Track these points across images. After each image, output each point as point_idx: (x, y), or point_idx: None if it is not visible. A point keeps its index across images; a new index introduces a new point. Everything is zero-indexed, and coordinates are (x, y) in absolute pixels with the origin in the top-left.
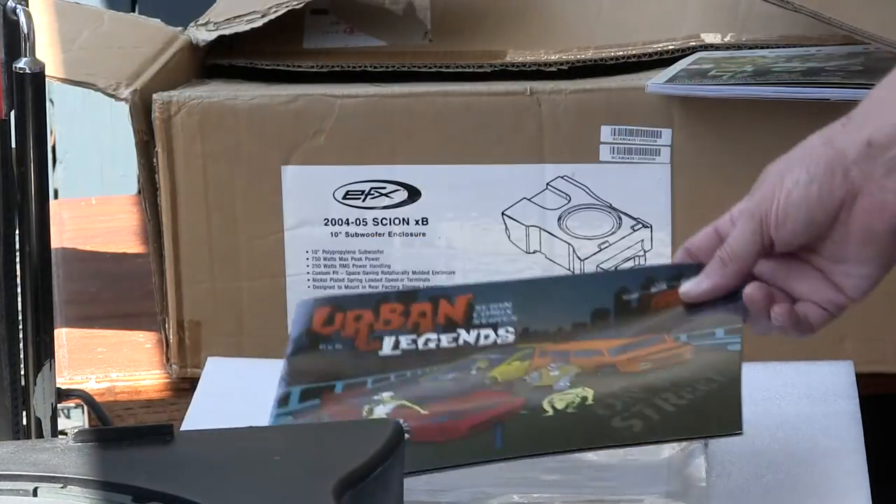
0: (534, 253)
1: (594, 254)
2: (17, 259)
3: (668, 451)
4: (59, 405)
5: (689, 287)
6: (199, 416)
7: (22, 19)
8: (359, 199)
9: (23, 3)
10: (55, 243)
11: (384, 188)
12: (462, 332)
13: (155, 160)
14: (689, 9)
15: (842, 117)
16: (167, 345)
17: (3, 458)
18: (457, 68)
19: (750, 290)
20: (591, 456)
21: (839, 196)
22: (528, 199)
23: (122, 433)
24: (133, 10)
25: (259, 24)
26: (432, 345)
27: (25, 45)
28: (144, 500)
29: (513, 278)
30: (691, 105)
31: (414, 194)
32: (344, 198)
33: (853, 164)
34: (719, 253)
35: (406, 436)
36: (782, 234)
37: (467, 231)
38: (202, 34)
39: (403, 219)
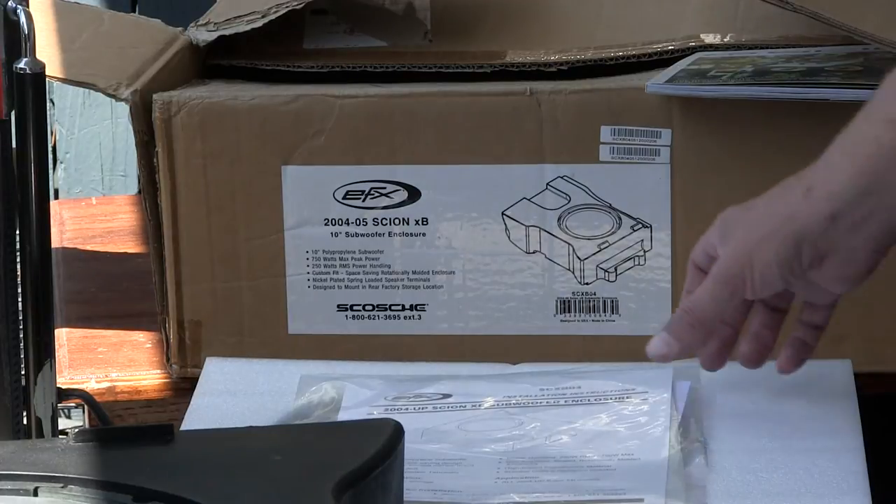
0: (534, 253)
1: (594, 254)
2: (18, 259)
3: (667, 450)
4: (59, 405)
5: (658, 348)
6: (199, 416)
7: (22, 19)
8: (359, 199)
9: (23, 3)
10: (55, 243)
11: (384, 188)
12: None
13: (155, 160)
14: (689, 9)
15: (800, 178)
16: (167, 345)
17: (3, 457)
18: (457, 68)
19: (745, 349)
20: (590, 455)
21: (809, 262)
22: (528, 199)
23: (122, 433)
24: (133, 10)
25: (259, 24)
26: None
27: (26, 45)
28: (145, 499)
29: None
30: (691, 105)
31: (414, 194)
32: (344, 198)
33: (819, 237)
34: (687, 316)
35: None
36: (757, 297)
37: (467, 231)
38: (202, 34)
39: (403, 219)
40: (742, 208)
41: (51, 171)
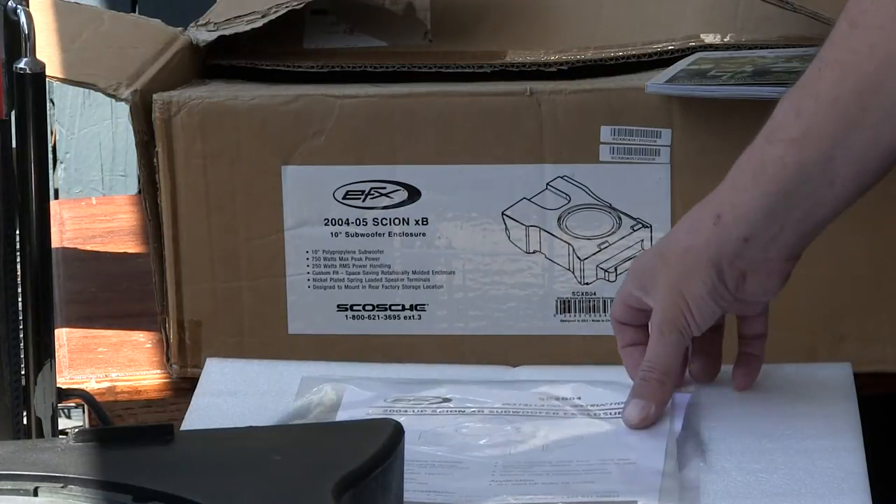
0: (534, 253)
1: (594, 254)
2: (18, 259)
3: (664, 455)
4: (59, 405)
5: (636, 415)
6: (199, 416)
7: (22, 19)
8: (359, 199)
9: (23, 3)
10: (55, 243)
11: (384, 188)
12: None
13: (155, 160)
14: (689, 9)
15: (707, 206)
16: (167, 345)
17: (3, 457)
18: (457, 68)
19: (696, 367)
20: (587, 459)
21: (732, 283)
22: (528, 199)
23: (122, 433)
24: (133, 10)
25: (259, 24)
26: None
27: (26, 45)
28: (144, 500)
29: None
30: (691, 105)
31: (414, 194)
32: (344, 198)
33: (736, 257)
34: (652, 375)
35: None
36: (701, 332)
37: (467, 231)
38: (202, 34)
39: (403, 219)
40: (653, 254)
41: (51, 171)
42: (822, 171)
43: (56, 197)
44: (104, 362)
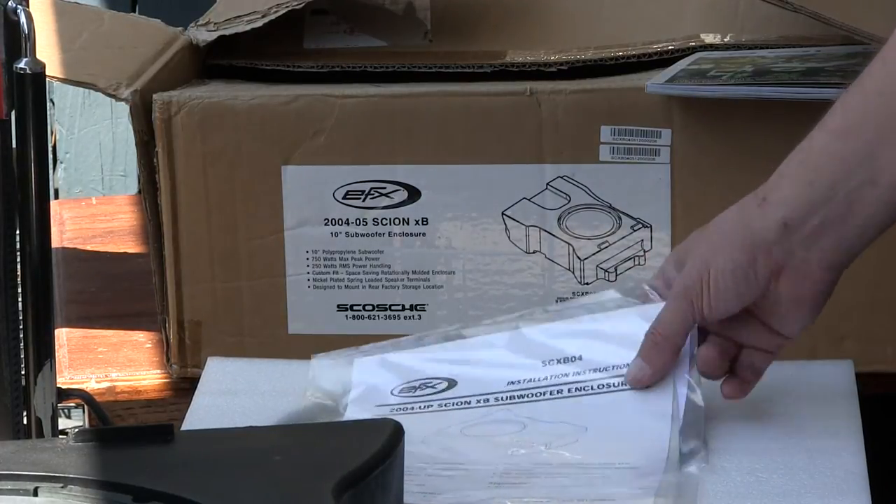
0: (534, 253)
1: (594, 254)
2: (18, 259)
3: (666, 453)
4: (59, 405)
5: (634, 375)
6: (199, 416)
7: (22, 19)
8: (359, 199)
9: (23, 3)
10: (55, 243)
11: (384, 188)
12: None
13: (155, 160)
14: (689, 9)
15: (756, 192)
16: (167, 345)
17: (3, 457)
18: (457, 68)
19: (705, 351)
20: (589, 462)
21: (764, 275)
22: (528, 199)
23: (122, 433)
24: (133, 10)
25: (259, 24)
26: None
27: (26, 45)
28: (144, 500)
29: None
30: (691, 105)
31: (414, 194)
32: (344, 198)
33: (773, 245)
34: (652, 336)
35: None
36: (715, 314)
37: (467, 231)
38: (202, 34)
39: (403, 219)
40: (698, 232)
41: (51, 171)
42: (865, 166)
43: (56, 197)
44: (104, 362)
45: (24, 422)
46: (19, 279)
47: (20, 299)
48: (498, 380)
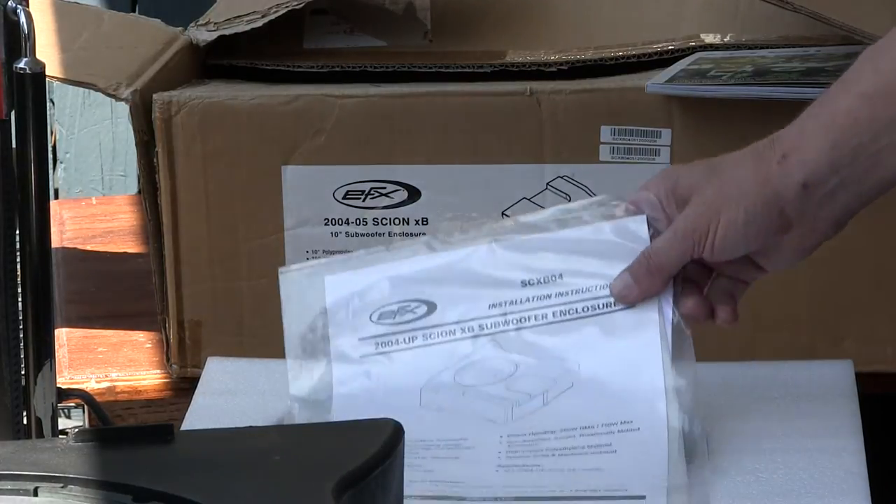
0: None
1: None
2: (18, 259)
3: (666, 449)
4: (59, 405)
5: (621, 291)
6: (199, 416)
7: (22, 19)
8: (359, 199)
9: (23, 3)
10: (55, 243)
11: (384, 188)
12: None
13: (155, 160)
14: (689, 9)
15: (774, 143)
16: (167, 345)
17: (3, 457)
18: (457, 68)
19: (688, 306)
20: (590, 426)
21: (774, 230)
22: (528, 199)
23: (122, 433)
24: (133, 10)
25: (259, 24)
26: None
27: (26, 45)
28: (144, 500)
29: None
30: (691, 105)
31: (414, 194)
32: (344, 198)
33: (789, 204)
34: (647, 262)
35: None
36: (716, 258)
37: None
38: (202, 34)
39: (403, 219)
40: (701, 165)
41: (51, 171)
42: (891, 131)
43: (56, 197)
44: (104, 362)
45: (24, 422)
46: (19, 279)
47: (20, 299)
48: (479, 303)
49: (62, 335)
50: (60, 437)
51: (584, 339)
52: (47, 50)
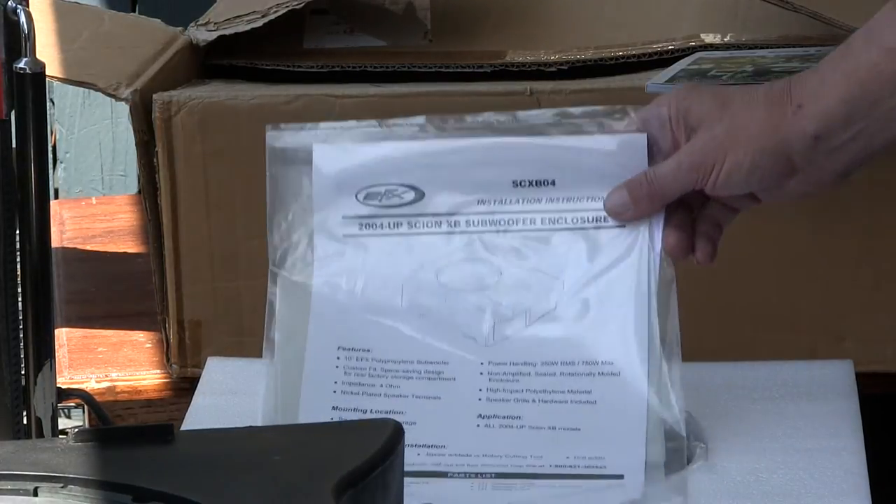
0: None
1: None
2: (18, 259)
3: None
4: (59, 405)
5: (615, 207)
6: (199, 416)
7: (22, 19)
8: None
9: (23, 3)
10: (55, 243)
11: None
12: None
13: (155, 160)
14: (689, 9)
15: (791, 89)
16: (167, 345)
17: (3, 457)
18: (457, 68)
19: (671, 241)
20: (570, 367)
21: (778, 175)
22: None
23: (122, 433)
24: (133, 10)
25: (259, 24)
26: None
27: (26, 45)
28: (144, 500)
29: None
30: None
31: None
32: None
33: (797, 153)
34: (648, 186)
35: None
36: (718, 194)
37: None
38: (202, 34)
39: None
40: (709, 94)
41: (51, 171)
42: None
43: (56, 197)
44: (104, 362)
45: (24, 422)
46: (19, 279)
47: (20, 299)
48: (468, 197)
49: (62, 335)
50: (60, 437)
51: (570, 255)
52: (47, 50)
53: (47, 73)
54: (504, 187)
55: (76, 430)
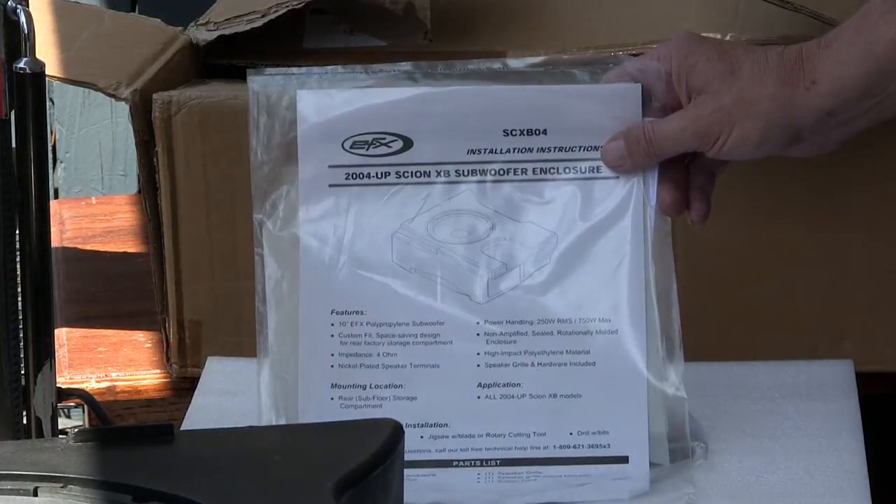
0: None
1: None
2: (18, 259)
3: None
4: (59, 405)
5: (612, 160)
6: (199, 416)
7: (22, 19)
8: None
9: (23, 3)
10: (55, 243)
11: None
12: None
13: (155, 160)
14: (689, 9)
15: (804, 62)
16: (167, 345)
17: (3, 457)
18: None
19: (667, 200)
20: (569, 323)
21: (783, 145)
22: None
23: (122, 433)
24: (133, 10)
25: (259, 24)
26: None
27: (25, 45)
28: (144, 500)
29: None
30: None
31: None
32: None
33: (807, 127)
34: (647, 146)
35: None
36: (719, 158)
37: None
38: (202, 34)
39: None
40: (718, 57)
41: (51, 171)
42: None
43: (56, 197)
44: (104, 362)
45: (24, 422)
46: (19, 279)
47: (20, 299)
48: (457, 146)
49: (62, 335)
50: (60, 437)
51: (564, 207)
52: (47, 50)
53: (47, 72)
54: (495, 136)
55: (76, 429)
